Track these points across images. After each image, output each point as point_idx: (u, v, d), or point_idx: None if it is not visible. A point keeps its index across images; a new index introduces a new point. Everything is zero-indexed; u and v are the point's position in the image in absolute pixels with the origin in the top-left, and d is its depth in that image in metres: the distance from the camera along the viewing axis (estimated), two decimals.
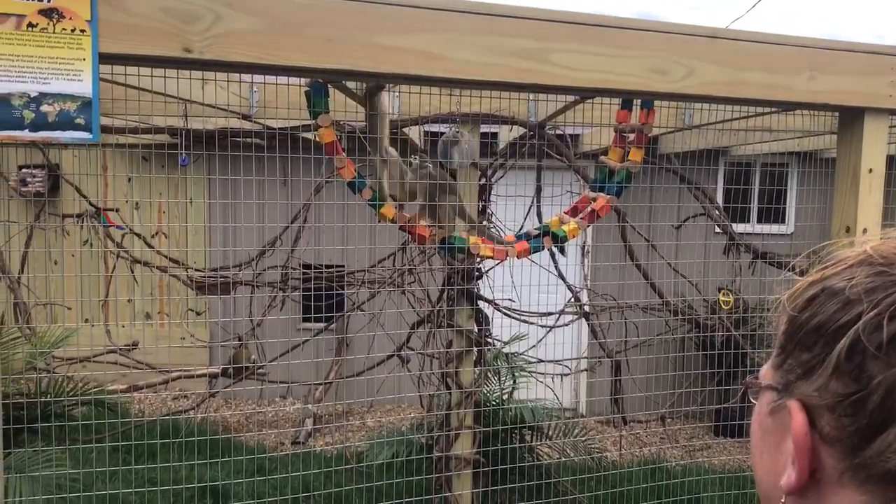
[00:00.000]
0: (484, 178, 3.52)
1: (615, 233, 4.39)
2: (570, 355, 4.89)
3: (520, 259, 2.71)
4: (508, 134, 3.90)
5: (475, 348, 3.50)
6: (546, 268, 3.86)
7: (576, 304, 4.34)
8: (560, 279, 4.11)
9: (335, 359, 6.19)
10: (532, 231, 2.77)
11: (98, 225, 4.29)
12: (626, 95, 2.48)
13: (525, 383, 4.18)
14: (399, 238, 3.94)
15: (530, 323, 4.09)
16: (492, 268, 3.48)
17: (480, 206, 3.43)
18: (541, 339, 4.14)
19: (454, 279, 3.36)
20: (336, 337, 6.19)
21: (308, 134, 3.62)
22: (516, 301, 3.96)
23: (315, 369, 6.31)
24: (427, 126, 3.54)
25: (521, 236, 2.80)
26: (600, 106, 3.20)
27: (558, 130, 3.77)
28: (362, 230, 5.10)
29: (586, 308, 4.49)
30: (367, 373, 4.75)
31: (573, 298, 4.30)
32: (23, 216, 5.43)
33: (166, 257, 4.69)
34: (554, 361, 4.22)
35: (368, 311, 4.52)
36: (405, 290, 4.24)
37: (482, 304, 3.64)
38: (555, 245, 2.72)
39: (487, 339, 3.68)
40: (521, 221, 3.61)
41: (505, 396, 4.14)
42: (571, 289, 4.27)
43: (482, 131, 3.39)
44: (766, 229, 6.42)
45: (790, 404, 0.56)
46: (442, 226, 2.65)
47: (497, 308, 3.89)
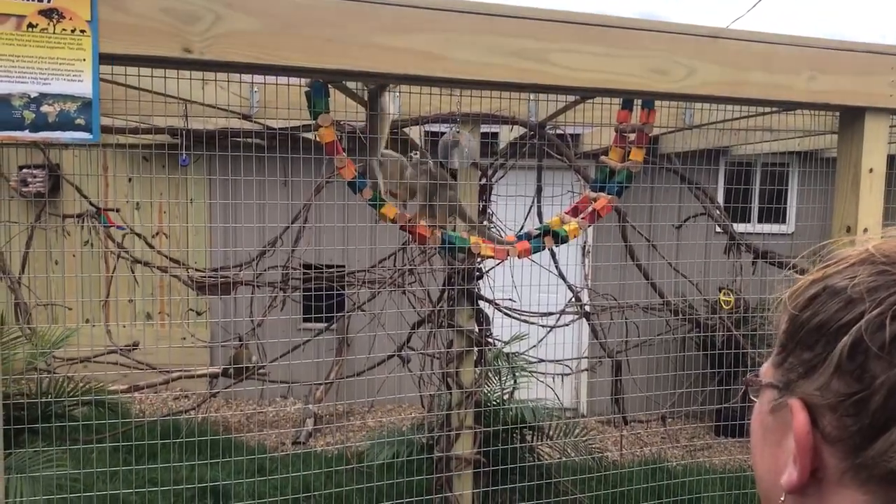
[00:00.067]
0: (484, 178, 3.52)
1: (616, 233, 4.38)
2: (571, 355, 4.89)
3: (520, 259, 2.71)
4: (509, 134, 3.89)
5: (476, 348, 3.50)
6: (546, 268, 3.86)
7: (576, 304, 4.34)
8: (560, 279, 4.11)
9: (336, 359, 6.19)
10: (533, 231, 2.77)
11: (99, 225, 4.29)
12: (627, 95, 2.48)
13: (526, 383, 4.18)
14: (400, 238, 3.94)
15: (531, 323, 4.09)
16: (492, 268, 3.48)
17: (481, 206, 3.43)
18: (541, 339, 4.14)
19: (455, 279, 3.36)
20: (337, 337, 6.19)
21: (308, 134, 3.62)
22: (517, 301, 3.96)
23: (316, 369, 6.32)
24: (427, 126, 3.54)
25: (522, 236, 2.80)
26: (601, 106, 3.20)
27: (559, 130, 3.77)
28: (363, 230, 5.10)
29: (587, 308, 4.48)
30: (368, 373, 4.75)
31: (574, 298, 4.30)
32: (23, 216, 5.43)
33: (167, 257, 4.69)
34: (555, 361, 4.22)
35: (369, 311, 4.52)
36: (406, 290, 4.24)
37: (483, 304, 3.64)
38: (556, 245, 2.72)
39: (488, 339, 3.68)
40: (522, 221, 3.61)
41: (505, 396, 4.14)
42: (572, 289, 4.27)
43: (482, 131, 3.39)
44: (767, 229, 6.41)
45: (792, 403, 0.56)
46: (442, 225, 2.65)
47: (498, 308, 3.89)
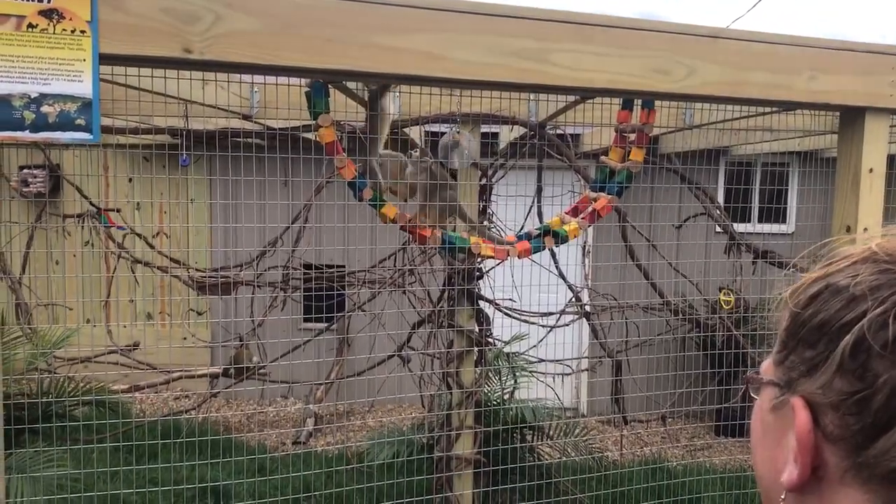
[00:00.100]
0: (484, 178, 3.52)
1: (616, 233, 4.38)
2: (571, 355, 4.89)
3: (521, 259, 2.71)
4: (509, 134, 3.89)
5: (476, 348, 3.49)
6: (547, 268, 3.86)
7: (576, 304, 4.34)
8: (561, 279, 4.11)
9: (336, 359, 6.19)
10: (533, 231, 2.77)
11: (99, 225, 4.29)
12: (627, 95, 2.48)
13: (526, 383, 4.18)
14: (400, 238, 3.94)
15: (531, 323, 4.09)
16: (492, 268, 3.48)
17: (481, 207, 3.43)
18: (541, 339, 4.14)
19: (455, 279, 3.36)
20: (337, 337, 6.19)
21: (309, 134, 3.62)
22: (517, 301, 3.96)
23: (316, 369, 6.32)
24: (427, 126, 3.54)
25: (522, 236, 2.80)
26: (601, 106, 3.19)
27: (559, 130, 3.77)
28: (363, 230, 5.10)
29: (587, 308, 4.49)
30: (368, 373, 4.75)
31: (574, 298, 4.30)
32: (24, 217, 5.43)
33: (167, 257, 4.70)
34: (555, 361, 4.22)
35: (369, 311, 4.52)
36: (406, 290, 4.24)
37: (483, 304, 3.64)
38: (556, 245, 2.72)
39: (488, 339, 3.68)
40: (522, 221, 3.61)
41: (506, 396, 4.14)
42: (572, 288, 4.27)
43: (482, 131, 3.39)
44: (767, 229, 6.41)
45: (793, 401, 0.56)
46: (442, 225, 2.65)
47: (498, 308, 3.89)
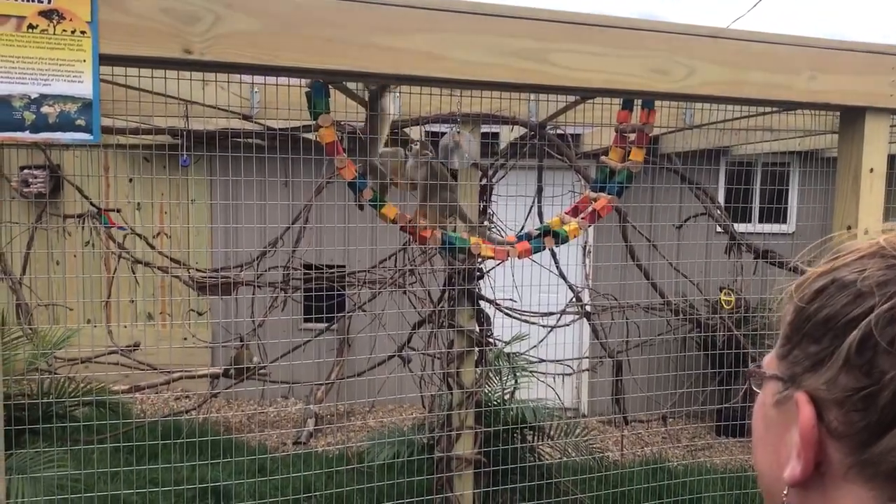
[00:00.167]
0: (485, 179, 3.52)
1: (616, 233, 4.38)
2: (572, 355, 4.89)
3: (521, 259, 2.71)
4: (509, 134, 3.89)
5: (476, 348, 3.49)
6: (547, 268, 3.86)
7: (577, 304, 4.34)
8: (561, 279, 4.11)
9: (337, 359, 6.19)
10: (533, 231, 2.77)
11: (100, 226, 4.29)
12: (627, 95, 2.48)
13: (526, 383, 4.18)
14: (400, 238, 3.94)
15: (532, 323, 4.09)
16: (493, 268, 3.48)
17: (481, 207, 3.43)
18: (542, 339, 4.14)
19: (455, 279, 3.36)
20: (337, 337, 6.19)
21: (309, 134, 3.62)
22: (518, 301, 3.96)
23: (317, 369, 6.32)
24: (427, 126, 3.54)
25: (522, 236, 2.80)
26: (601, 106, 3.19)
27: (559, 130, 3.77)
28: (363, 230, 5.10)
29: (588, 308, 4.48)
30: (369, 373, 4.75)
31: (574, 298, 4.30)
32: (24, 217, 5.43)
33: (168, 258, 4.70)
34: (555, 361, 4.21)
35: (370, 312, 4.52)
36: (406, 291, 4.24)
37: (483, 304, 3.64)
38: (556, 245, 2.72)
39: (489, 339, 3.68)
40: (523, 222, 3.61)
41: (506, 396, 4.14)
42: (573, 289, 4.27)
43: (483, 131, 3.39)
44: (768, 229, 6.41)
45: (797, 397, 0.55)
46: (442, 226, 2.65)
47: (498, 308, 3.89)
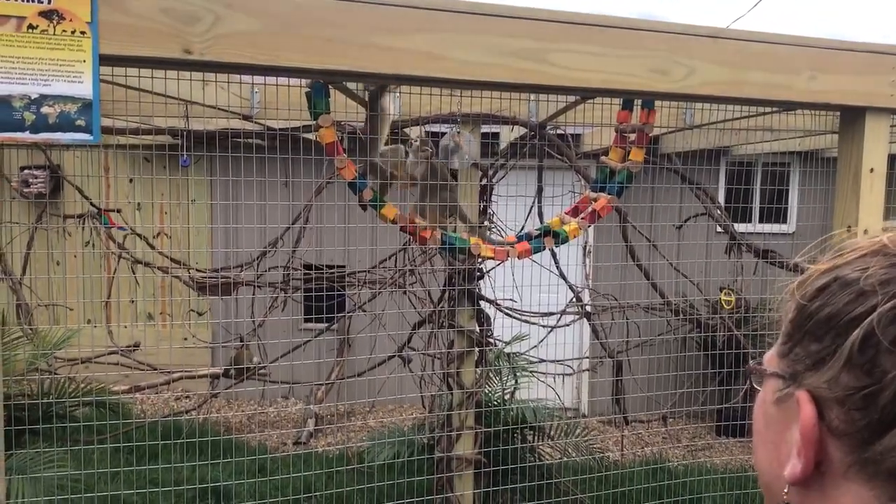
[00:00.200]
0: (485, 179, 3.52)
1: (616, 233, 4.38)
2: (572, 355, 4.89)
3: (521, 259, 2.71)
4: (509, 134, 3.89)
5: (477, 348, 3.49)
6: (547, 268, 3.86)
7: (577, 304, 4.34)
8: (561, 279, 4.11)
9: (337, 359, 6.19)
10: (533, 231, 2.77)
11: (100, 226, 4.30)
12: (627, 95, 2.48)
13: (527, 383, 4.17)
14: (400, 238, 3.94)
15: (532, 323, 4.09)
16: (493, 268, 3.48)
17: (481, 207, 3.43)
18: (542, 339, 4.14)
19: (456, 279, 3.36)
20: (338, 337, 6.19)
21: (309, 134, 3.62)
22: (518, 301, 3.96)
23: (317, 370, 6.32)
24: (428, 126, 3.54)
25: (522, 237, 2.80)
26: (601, 106, 3.19)
27: (559, 130, 3.77)
28: (364, 230, 5.10)
29: (588, 308, 4.48)
30: (369, 373, 4.75)
31: (575, 298, 4.30)
32: (25, 217, 5.43)
33: (168, 258, 4.70)
34: (556, 361, 4.21)
35: (370, 312, 4.52)
36: (407, 291, 4.24)
37: (484, 305, 3.64)
38: (556, 245, 2.72)
39: (489, 340, 3.68)
40: (523, 222, 3.61)
41: (507, 396, 4.14)
42: (573, 289, 4.27)
43: (483, 131, 3.39)
44: (768, 229, 6.41)
45: (798, 395, 0.55)
46: (442, 226, 2.65)
47: (499, 308, 3.89)
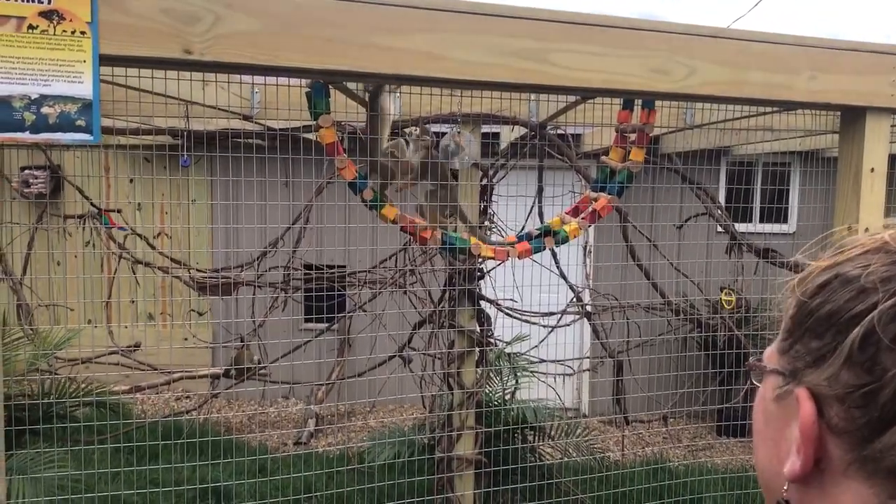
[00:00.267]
0: (485, 179, 3.52)
1: (617, 233, 4.38)
2: (573, 355, 4.89)
3: (521, 259, 2.71)
4: (510, 134, 3.89)
5: (477, 348, 3.49)
6: (548, 268, 3.86)
7: (578, 304, 4.34)
8: (562, 279, 4.10)
9: (337, 359, 6.19)
10: (533, 231, 2.77)
11: (100, 226, 4.30)
12: (628, 95, 2.48)
13: (527, 383, 4.17)
14: (401, 238, 3.94)
15: (532, 323, 4.09)
16: (493, 268, 3.48)
17: (482, 207, 3.43)
18: (543, 339, 4.14)
19: (456, 279, 3.36)
20: (338, 337, 6.19)
21: (309, 135, 3.62)
22: (518, 301, 3.96)
23: (317, 370, 6.31)
24: (428, 126, 3.54)
25: (523, 237, 2.80)
26: (602, 106, 3.19)
27: (560, 130, 3.77)
28: (364, 231, 5.10)
29: (588, 308, 4.48)
30: (370, 373, 4.75)
31: (575, 298, 4.30)
32: (25, 217, 5.43)
33: (168, 258, 4.70)
34: (556, 361, 4.21)
35: (370, 312, 4.52)
36: (407, 291, 4.24)
37: (484, 305, 3.64)
38: (556, 245, 2.72)
39: (489, 340, 3.68)
40: (523, 222, 3.61)
41: (507, 397, 4.14)
42: (573, 289, 4.27)
43: (483, 131, 3.39)
44: (769, 229, 6.41)
45: (798, 392, 0.55)
46: (443, 226, 2.65)
47: (499, 308, 3.89)
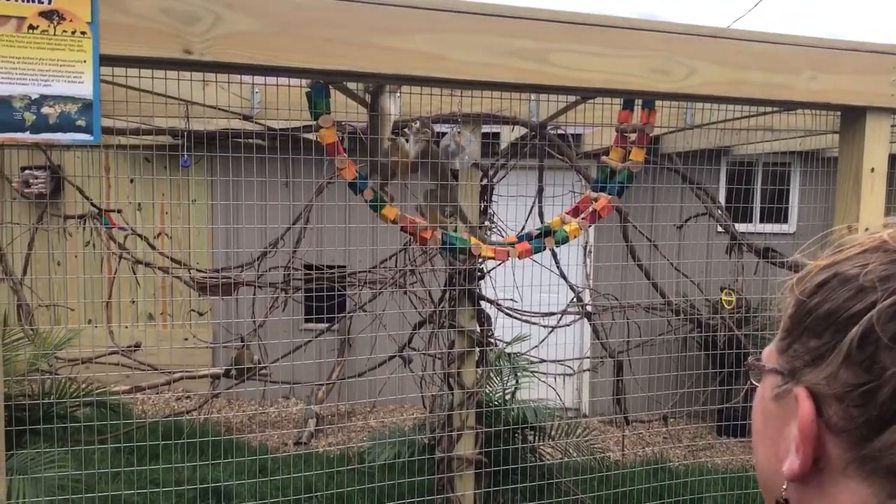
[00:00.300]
0: (485, 179, 3.52)
1: (617, 233, 4.38)
2: (573, 355, 4.89)
3: (521, 259, 2.71)
4: (510, 134, 3.89)
5: (477, 348, 3.49)
6: (548, 268, 3.86)
7: (578, 304, 4.34)
8: (562, 279, 4.10)
9: (338, 359, 6.19)
10: (533, 231, 2.77)
11: (100, 226, 4.30)
12: (628, 95, 2.48)
13: (527, 383, 4.17)
14: (401, 238, 3.94)
15: (532, 323, 4.09)
16: (493, 268, 3.48)
17: (482, 207, 3.43)
18: (543, 339, 4.14)
19: (456, 279, 3.36)
20: (338, 337, 6.19)
21: (310, 135, 3.62)
22: (518, 301, 3.96)
23: (318, 370, 6.31)
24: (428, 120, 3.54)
25: (523, 237, 2.80)
26: (601, 106, 3.19)
27: (560, 130, 3.77)
28: (364, 231, 5.10)
29: (588, 308, 4.48)
30: (370, 373, 4.75)
31: (575, 298, 4.30)
32: (25, 217, 5.43)
33: (169, 258, 4.70)
34: (556, 361, 4.21)
35: (371, 312, 4.52)
36: (407, 291, 4.24)
37: (484, 305, 3.64)
38: (556, 245, 2.72)
39: (490, 340, 3.68)
40: (523, 222, 3.61)
41: (507, 397, 4.14)
42: (573, 289, 4.27)
43: (483, 131, 3.39)
44: (769, 229, 6.41)
45: (797, 391, 0.55)
46: (443, 226, 2.65)
47: (499, 308, 3.89)
